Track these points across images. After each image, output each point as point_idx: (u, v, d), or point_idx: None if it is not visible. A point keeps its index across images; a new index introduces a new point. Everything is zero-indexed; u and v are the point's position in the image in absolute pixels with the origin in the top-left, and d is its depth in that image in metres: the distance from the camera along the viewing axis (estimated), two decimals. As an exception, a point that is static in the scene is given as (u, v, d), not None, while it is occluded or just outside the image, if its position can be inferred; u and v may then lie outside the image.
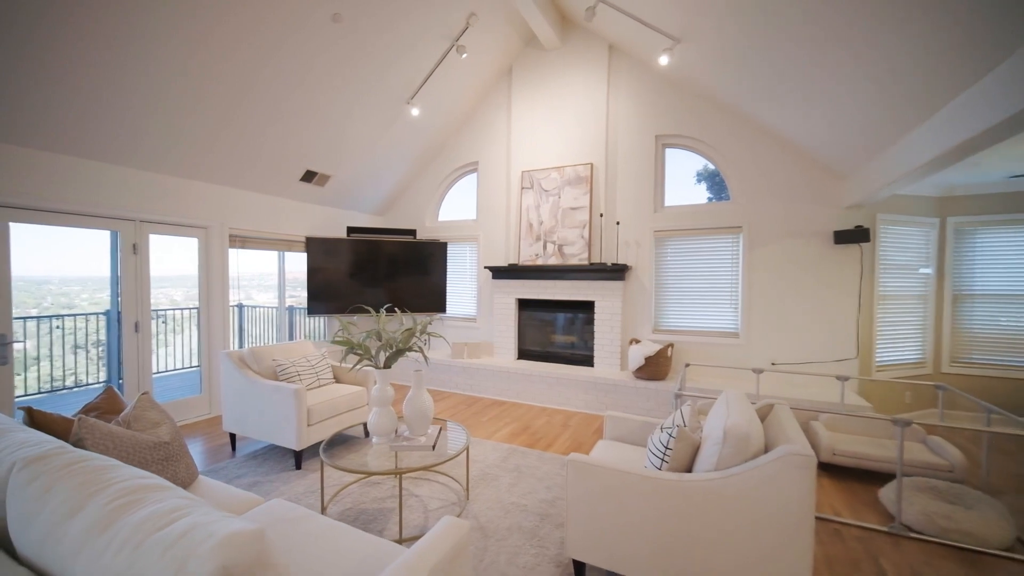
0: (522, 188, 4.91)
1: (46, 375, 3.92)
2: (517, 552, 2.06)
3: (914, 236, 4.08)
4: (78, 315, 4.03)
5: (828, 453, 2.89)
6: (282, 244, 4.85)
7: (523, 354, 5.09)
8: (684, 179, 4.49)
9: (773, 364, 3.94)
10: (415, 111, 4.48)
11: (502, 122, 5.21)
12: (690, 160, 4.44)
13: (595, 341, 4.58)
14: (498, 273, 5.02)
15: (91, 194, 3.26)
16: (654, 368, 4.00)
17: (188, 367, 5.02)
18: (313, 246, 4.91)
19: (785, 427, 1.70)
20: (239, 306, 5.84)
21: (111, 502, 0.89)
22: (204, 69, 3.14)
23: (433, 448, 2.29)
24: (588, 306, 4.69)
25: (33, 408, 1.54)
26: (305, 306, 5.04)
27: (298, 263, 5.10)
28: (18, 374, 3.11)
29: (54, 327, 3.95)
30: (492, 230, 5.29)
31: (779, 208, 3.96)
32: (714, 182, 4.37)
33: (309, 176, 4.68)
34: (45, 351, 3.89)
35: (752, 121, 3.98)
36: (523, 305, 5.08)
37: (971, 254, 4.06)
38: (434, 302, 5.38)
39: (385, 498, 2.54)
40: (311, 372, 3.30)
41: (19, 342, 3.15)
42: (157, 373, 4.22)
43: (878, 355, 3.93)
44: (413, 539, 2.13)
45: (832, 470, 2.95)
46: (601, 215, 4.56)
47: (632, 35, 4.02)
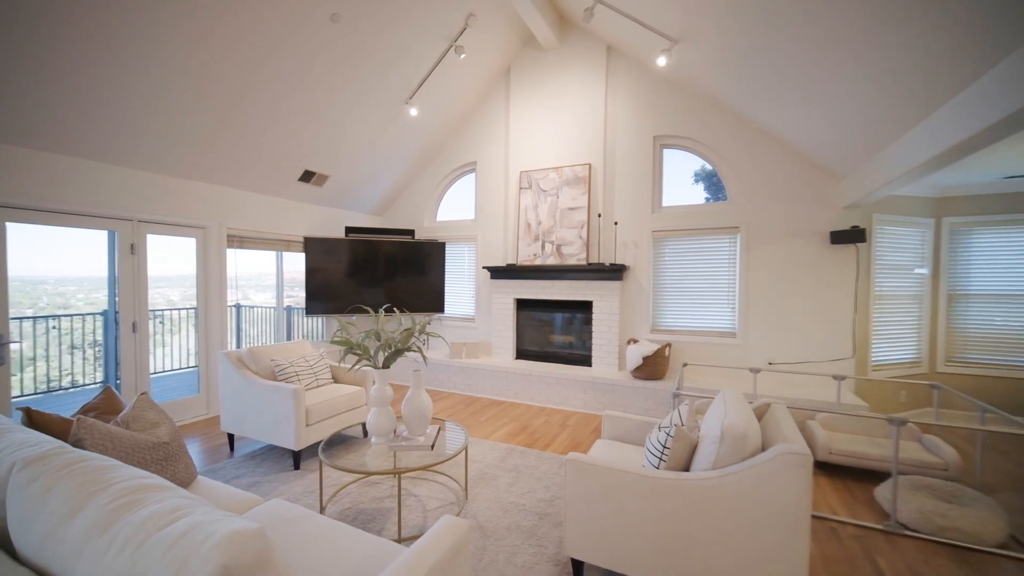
0: (520, 188, 4.92)
1: (42, 376, 3.89)
2: (516, 551, 2.07)
3: (910, 236, 4.10)
4: (74, 315, 4.01)
5: (825, 452, 2.91)
6: (280, 244, 4.84)
7: (521, 354, 5.10)
8: (682, 179, 4.51)
9: (770, 364, 3.96)
10: (414, 111, 4.48)
11: (500, 122, 5.21)
12: (688, 160, 4.45)
13: (593, 341, 4.59)
14: (496, 273, 5.03)
15: (90, 194, 3.25)
16: (652, 368, 4.01)
17: (185, 367, 5.00)
18: (311, 246, 4.91)
19: (782, 426, 1.71)
20: (236, 306, 5.82)
21: (112, 502, 0.89)
22: (204, 69, 3.14)
23: (432, 448, 2.29)
24: (586, 306, 4.70)
25: (31, 408, 1.54)
26: (303, 306, 5.04)
27: (296, 263, 5.10)
28: (14, 375, 3.09)
29: (50, 327, 3.93)
30: (490, 230, 5.30)
31: (776, 208, 3.98)
32: (711, 182, 4.39)
33: (307, 176, 4.67)
34: (41, 351, 3.87)
35: (749, 122, 4.00)
36: (521, 305, 5.08)
37: (966, 254, 4.09)
38: (432, 302, 5.38)
39: (384, 498, 2.55)
40: (309, 372, 3.30)
41: (15, 343, 3.14)
42: (155, 373, 4.20)
43: (874, 355, 3.95)
44: (412, 539, 2.14)
45: (829, 469, 2.97)
46: (599, 215, 4.57)
47: (630, 36, 4.03)
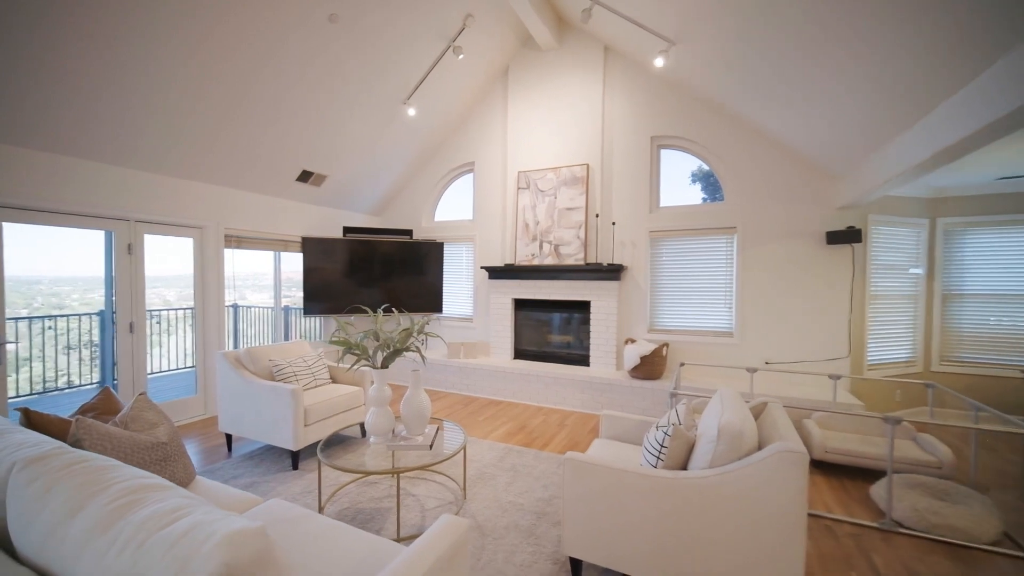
0: (518, 188, 4.93)
1: (38, 376, 3.88)
2: (514, 550, 2.07)
3: (905, 237, 4.13)
4: (70, 315, 3.99)
5: (820, 450, 2.93)
6: (278, 244, 4.83)
7: (519, 354, 5.10)
8: (679, 180, 4.52)
9: (767, 363, 3.98)
10: (412, 111, 4.48)
11: (498, 123, 5.22)
12: (685, 161, 4.47)
13: (591, 341, 4.60)
14: (494, 273, 5.03)
15: (88, 194, 3.24)
16: (649, 367, 4.03)
17: (182, 368, 4.99)
18: (309, 246, 4.90)
19: (778, 425, 1.72)
20: (234, 306, 5.80)
21: (112, 502, 0.90)
22: (203, 69, 3.13)
23: (430, 448, 2.30)
24: (584, 306, 4.71)
25: (29, 409, 1.53)
26: (300, 306, 5.03)
27: (294, 263, 5.09)
28: (9, 375, 3.08)
29: (46, 327, 3.91)
30: (488, 230, 5.30)
31: (773, 209, 4.00)
32: (708, 183, 4.41)
33: (305, 176, 4.67)
34: (36, 352, 3.85)
35: (746, 123, 4.02)
36: (519, 305, 5.09)
37: (960, 254, 4.13)
38: (430, 302, 5.38)
39: (382, 498, 2.55)
40: (308, 372, 3.29)
41: (12, 343, 3.12)
42: (152, 374, 4.19)
43: (869, 354, 3.98)
44: (411, 538, 2.14)
45: (824, 467, 2.99)
46: (597, 215, 4.58)
47: (628, 37, 4.04)
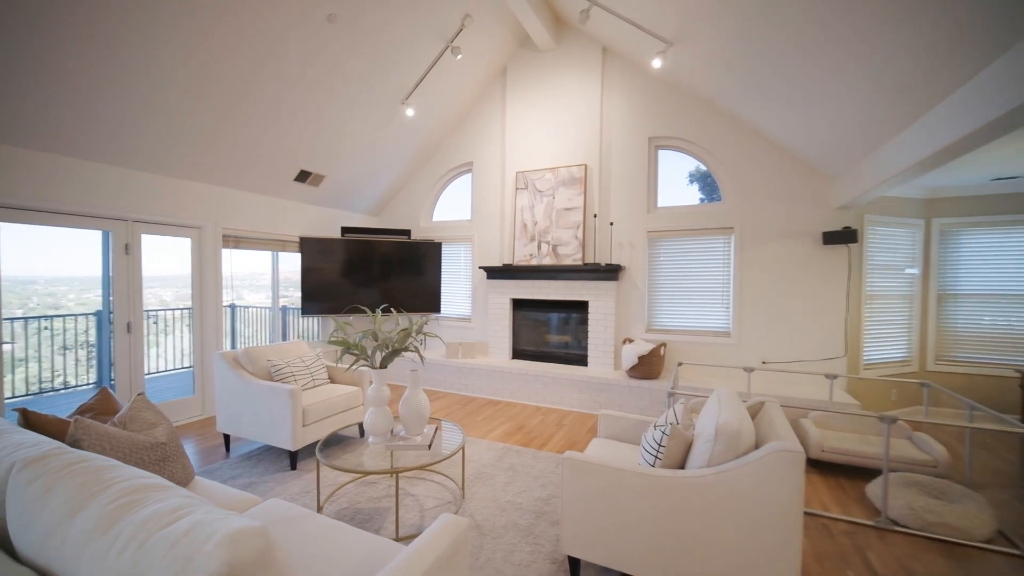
0: (516, 189, 4.93)
1: (34, 377, 3.86)
2: (513, 550, 2.08)
3: (900, 237, 4.16)
4: (66, 316, 3.98)
5: (817, 450, 2.94)
6: (276, 244, 4.82)
7: (518, 354, 5.11)
8: (677, 180, 4.54)
9: (764, 363, 4.00)
10: (410, 112, 4.48)
11: (497, 123, 5.22)
12: (683, 161, 4.48)
13: (589, 341, 4.61)
14: (493, 273, 5.04)
15: (86, 195, 3.23)
16: (647, 367, 4.04)
17: (179, 368, 4.97)
18: (307, 246, 4.89)
19: (775, 424, 1.74)
20: (231, 306, 5.79)
21: (113, 502, 0.90)
22: (203, 69, 3.13)
23: (429, 447, 2.30)
24: (582, 306, 4.72)
25: (28, 409, 1.53)
26: (298, 306, 5.02)
27: (292, 263, 5.08)
28: (5, 376, 3.06)
29: (42, 328, 3.89)
30: (487, 230, 5.31)
31: (770, 209, 4.02)
32: (706, 183, 4.43)
33: (303, 176, 4.66)
34: (32, 352, 3.83)
35: (744, 123, 4.04)
36: (518, 305, 5.09)
37: (955, 255, 4.16)
38: (429, 302, 5.38)
39: (381, 497, 2.55)
40: (306, 372, 3.29)
41: (9, 343, 3.11)
42: (149, 374, 4.17)
43: (866, 354, 4.01)
44: (409, 537, 2.15)
45: (821, 466, 3.01)
46: (595, 216, 4.60)
47: (626, 37, 4.06)
